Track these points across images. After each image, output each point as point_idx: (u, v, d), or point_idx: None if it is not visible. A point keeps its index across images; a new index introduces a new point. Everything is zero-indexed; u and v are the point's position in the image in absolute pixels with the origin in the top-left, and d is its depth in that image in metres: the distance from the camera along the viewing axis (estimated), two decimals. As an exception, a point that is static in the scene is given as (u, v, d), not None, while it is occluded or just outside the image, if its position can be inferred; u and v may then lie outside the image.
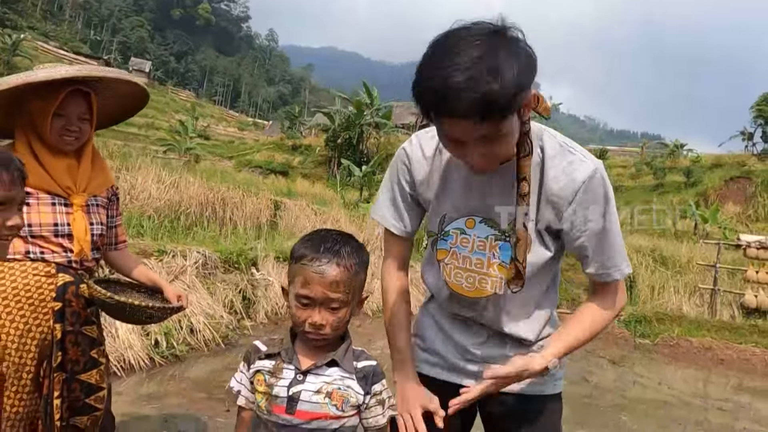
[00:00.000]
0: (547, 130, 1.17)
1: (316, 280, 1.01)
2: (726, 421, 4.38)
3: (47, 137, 1.56)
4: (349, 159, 23.55)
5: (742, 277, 9.51)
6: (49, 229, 1.57)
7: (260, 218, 9.23)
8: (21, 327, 1.51)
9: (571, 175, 1.11)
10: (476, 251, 1.20)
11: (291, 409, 1.02)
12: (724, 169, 25.75)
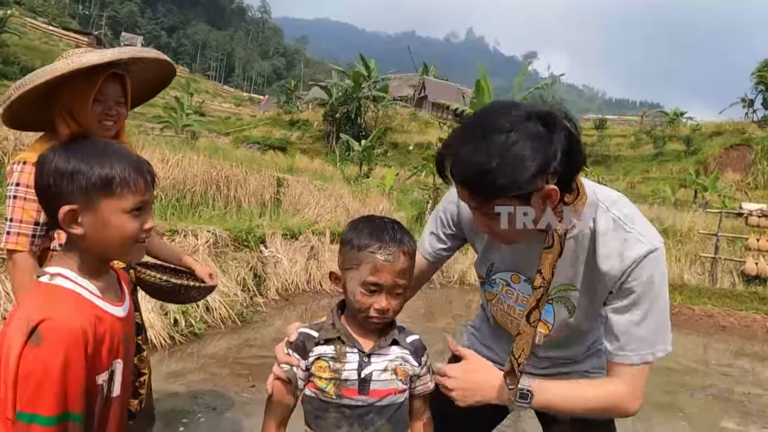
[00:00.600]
0: (604, 204, 1.12)
1: (387, 269, 1.05)
2: (730, 386, 4.51)
3: (87, 123, 1.56)
4: (347, 133, 23.38)
5: (742, 245, 9.62)
6: None
7: (264, 195, 9.22)
8: None
9: (623, 254, 1.08)
10: (520, 303, 1.26)
11: (364, 390, 1.06)
12: (724, 137, 25.66)
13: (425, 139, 28.41)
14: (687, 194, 19.13)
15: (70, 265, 0.93)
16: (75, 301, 0.90)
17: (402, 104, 32.29)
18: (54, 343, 0.83)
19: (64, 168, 0.89)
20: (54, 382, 0.82)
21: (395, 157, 26.76)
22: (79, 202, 0.89)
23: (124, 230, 0.92)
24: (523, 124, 0.97)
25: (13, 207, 1.50)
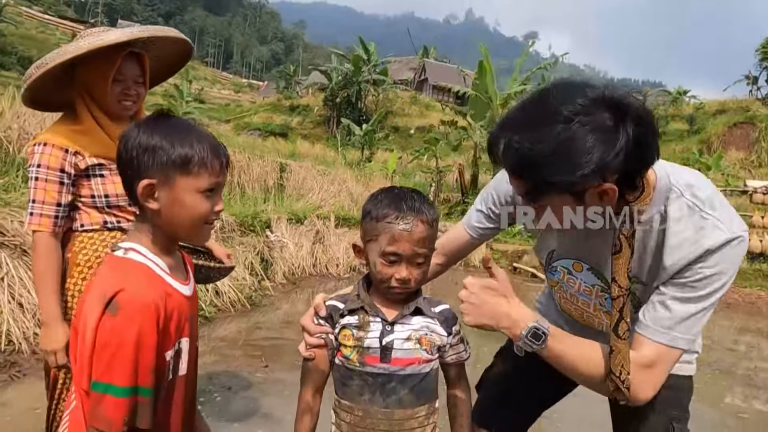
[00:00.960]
0: (678, 188, 1.02)
1: (404, 238, 1.04)
2: (735, 361, 4.56)
3: (107, 104, 1.56)
4: (348, 118, 23.26)
5: (747, 222, 9.63)
6: (124, 198, 1.58)
7: (267, 181, 9.23)
8: None
9: (698, 242, 0.99)
10: (582, 293, 1.21)
11: (386, 357, 1.08)
12: (727, 115, 25.44)
13: (426, 123, 28.23)
14: (690, 173, 19.05)
15: (142, 241, 0.95)
16: (147, 276, 0.92)
17: (402, 87, 32.03)
18: (129, 313, 0.85)
19: (147, 143, 0.91)
20: (128, 353, 0.84)
21: (396, 140, 26.64)
22: (157, 178, 0.92)
23: (196, 209, 0.95)
24: (587, 113, 0.87)
25: (35, 188, 1.51)
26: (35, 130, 5.38)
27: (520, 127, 0.92)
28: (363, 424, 1.08)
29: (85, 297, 0.91)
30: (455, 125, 13.19)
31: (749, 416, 3.31)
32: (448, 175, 13.70)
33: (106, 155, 1.58)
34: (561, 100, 0.89)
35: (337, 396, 1.14)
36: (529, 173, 0.92)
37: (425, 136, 20.46)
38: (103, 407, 0.83)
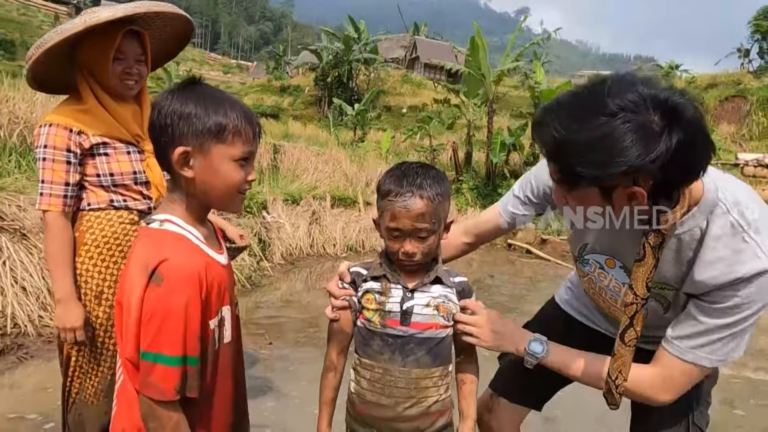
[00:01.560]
0: (725, 204, 0.97)
1: (403, 214, 1.08)
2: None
3: (109, 83, 1.55)
4: (340, 98, 23.03)
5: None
6: (130, 177, 1.59)
7: (261, 162, 9.17)
8: (114, 273, 1.58)
9: (733, 266, 0.95)
10: (612, 289, 1.21)
11: (406, 321, 1.13)
12: (719, 89, 25.46)
13: (419, 101, 28.01)
14: (682, 148, 19.15)
15: (176, 212, 0.96)
16: (186, 246, 0.93)
17: (394, 66, 31.70)
18: (174, 282, 0.86)
19: (181, 110, 0.91)
20: (176, 321, 0.86)
21: (389, 120, 26.45)
22: (192, 145, 0.91)
23: (231, 177, 0.95)
24: (635, 110, 0.84)
25: (43, 169, 1.51)
26: (25, 115, 5.30)
27: (564, 112, 0.90)
28: (382, 381, 1.14)
29: (126, 271, 0.92)
30: (448, 103, 13.10)
31: (740, 382, 3.42)
32: (442, 153, 13.67)
33: (109, 134, 1.58)
34: (613, 92, 0.86)
35: (358, 355, 1.19)
36: (560, 160, 0.92)
37: (418, 115, 20.31)
38: (154, 376, 0.85)
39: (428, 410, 1.15)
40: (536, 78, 11.68)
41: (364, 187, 8.90)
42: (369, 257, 6.08)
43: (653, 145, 0.83)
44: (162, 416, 0.86)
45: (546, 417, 2.64)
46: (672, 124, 0.84)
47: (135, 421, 0.91)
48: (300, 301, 4.71)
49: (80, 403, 1.63)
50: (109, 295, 1.58)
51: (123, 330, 0.90)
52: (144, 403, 0.87)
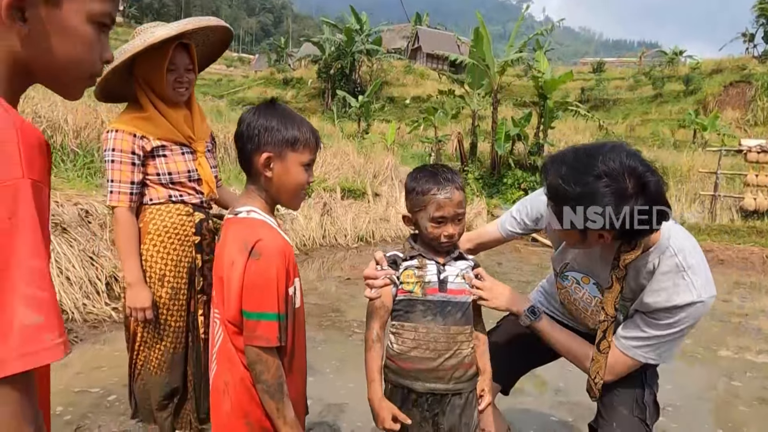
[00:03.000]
0: (673, 249, 1.29)
1: (448, 204, 1.34)
2: (729, 310, 4.86)
3: (163, 92, 1.75)
4: (343, 90, 23.11)
5: (741, 181, 9.85)
6: (185, 175, 1.80)
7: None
8: (174, 258, 1.79)
9: (670, 298, 1.28)
10: (584, 301, 1.51)
11: (443, 288, 1.37)
12: (723, 74, 25.37)
13: (422, 92, 28.05)
14: (686, 135, 19.17)
15: (256, 204, 1.17)
16: (270, 229, 1.14)
17: (396, 57, 31.69)
18: (269, 256, 1.08)
19: (267, 124, 1.13)
20: (273, 287, 1.07)
21: (392, 111, 26.53)
22: (273, 152, 1.13)
23: (299, 178, 1.17)
24: (616, 177, 1.13)
25: (112, 169, 1.72)
26: (47, 113, 5.50)
27: (566, 164, 1.19)
28: (426, 339, 1.36)
29: (223, 252, 1.12)
30: (453, 94, 13.21)
31: (738, 357, 3.62)
32: (447, 144, 13.81)
33: (167, 138, 1.78)
34: (603, 157, 1.15)
35: (400, 322, 1.40)
36: (558, 200, 1.21)
37: (421, 105, 20.37)
38: (260, 330, 1.07)
39: (463, 360, 1.37)
40: (540, 68, 11.77)
41: (372, 178, 9.06)
42: (379, 247, 6.29)
43: (622, 206, 1.12)
44: (267, 360, 1.08)
45: (558, 389, 2.85)
46: (639, 193, 1.13)
47: (235, 373, 1.12)
48: (316, 289, 4.92)
49: (145, 374, 1.85)
50: (170, 277, 1.79)
51: (225, 298, 1.10)
52: (252, 351, 1.08)
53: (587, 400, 2.78)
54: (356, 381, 2.71)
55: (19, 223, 0.62)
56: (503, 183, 11.24)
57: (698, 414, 2.72)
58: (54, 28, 0.72)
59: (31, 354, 0.60)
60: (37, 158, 0.67)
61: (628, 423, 1.44)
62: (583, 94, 27.46)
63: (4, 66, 0.72)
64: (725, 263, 7.47)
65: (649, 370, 1.51)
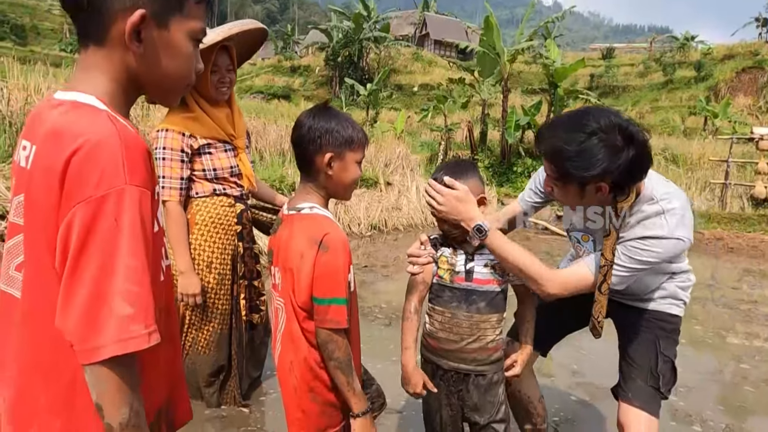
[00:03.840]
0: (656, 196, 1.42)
1: None
2: (738, 297, 4.95)
3: (207, 92, 1.87)
4: (351, 77, 23.09)
5: (753, 169, 9.84)
6: (228, 171, 1.94)
7: (283, 145, 9.44)
8: (220, 246, 1.93)
9: (644, 231, 1.41)
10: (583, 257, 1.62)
11: (469, 278, 1.48)
12: (736, 60, 25.03)
13: (430, 79, 27.97)
14: (696, 122, 19.04)
15: (315, 200, 1.28)
16: (333, 223, 1.25)
17: (404, 43, 31.49)
18: (336, 249, 1.19)
19: (327, 126, 1.23)
20: (341, 275, 1.19)
21: (400, 99, 26.50)
22: (333, 152, 1.23)
23: (354, 175, 1.28)
24: (606, 132, 1.27)
25: (163, 166, 1.85)
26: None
27: (560, 128, 1.33)
28: (451, 323, 1.48)
29: (290, 246, 1.22)
30: (463, 82, 13.22)
31: (747, 342, 3.73)
32: (457, 132, 13.85)
33: (212, 136, 1.91)
34: (593, 117, 1.29)
35: (432, 304, 1.53)
36: (557, 161, 1.33)
37: (429, 93, 20.32)
38: (331, 314, 1.18)
39: (486, 345, 1.48)
40: (550, 55, 11.74)
41: (383, 167, 9.16)
42: (391, 236, 6.38)
43: (618, 158, 1.27)
44: (338, 339, 1.20)
45: (575, 371, 2.99)
46: (629, 143, 1.27)
47: (299, 354, 1.25)
48: (334, 276, 5.06)
49: (193, 353, 2.00)
50: (217, 264, 1.93)
51: (294, 287, 1.22)
52: (323, 333, 1.20)
53: (602, 381, 2.92)
54: (382, 362, 2.86)
55: (122, 225, 0.72)
56: (513, 171, 11.30)
57: (707, 395, 2.84)
58: (163, 47, 0.83)
59: (122, 341, 0.71)
60: (140, 166, 0.77)
61: (643, 392, 1.58)
62: (593, 81, 27.23)
63: (120, 82, 0.83)
64: (735, 251, 7.53)
65: (662, 340, 1.62)
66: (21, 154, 0.81)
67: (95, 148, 0.73)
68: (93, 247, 0.71)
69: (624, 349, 1.68)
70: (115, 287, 0.71)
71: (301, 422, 1.28)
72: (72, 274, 0.71)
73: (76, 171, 0.72)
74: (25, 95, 5.39)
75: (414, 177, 9.05)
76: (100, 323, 0.70)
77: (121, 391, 0.73)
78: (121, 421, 0.73)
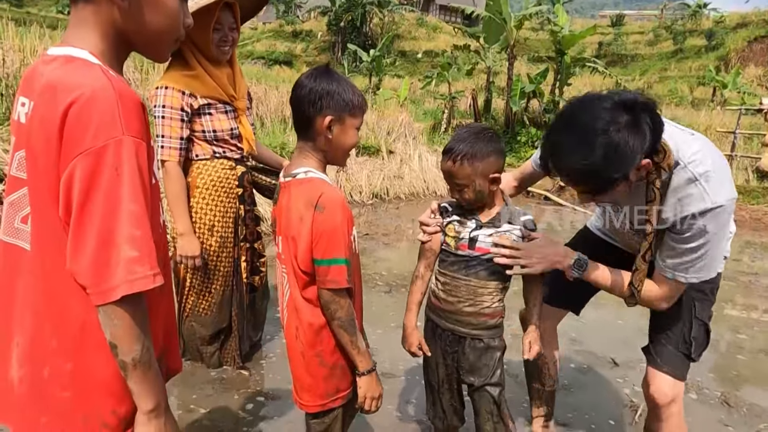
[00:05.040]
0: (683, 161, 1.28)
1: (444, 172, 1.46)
2: (738, 269, 4.96)
3: (209, 51, 1.81)
4: (354, 43, 22.63)
5: (759, 141, 9.71)
6: (228, 133, 1.89)
7: (284, 112, 9.32)
8: (222, 210, 1.91)
9: (684, 208, 1.29)
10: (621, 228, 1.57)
11: (472, 246, 1.48)
12: (748, 29, 24.40)
13: (434, 46, 27.40)
14: (705, 93, 18.71)
15: (312, 165, 1.25)
16: (329, 185, 1.23)
17: (408, 8, 30.73)
18: (332, 208, 1.17)
19: (328, 88, 1.18)
20: (339, 235, 1.17)
21: (404, 66, 26.01)
22: (333, 116, 1.19)
23: (352, 140, 1.25)
24: (615, 120, 1.14)
25: (162, 125, 1.80)
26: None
27: (566, 148, 1.19)
28: (451, 286, 1.51)
29: (290, 211, 1.20)
30: (468, 49, 12.92)
31: (746, 314, 3.75)
32: (461, 100, 13.63)
33: (212, 96, 1.86)
34: (589, 118, 1.17)
35: (439, 268, 1.56)
36: (591, 181, 1.22)
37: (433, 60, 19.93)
38: (331, 274, 1.18)
39: (481, 311, 1.49)
40: (558, 21, 11.43)
41: (385, 135, 9.06)
42: (393, 204, 6.36)
43: (642, 133, 1.16)
44: (340, 300, 1.20)
45: (573, 339, 3.02)
46: (635, 111, 1.16)
47: (303, 320, 1.25)
48: (335, 244, 5.07)
49: (194, 315, 2.01)
50: (219, 227, 1.92)
51: (296, 253, 1.20)
52: (325, 294, 1.19)
53: (601, 349, 2.94)
54: (383, 328, 2.89)
55: (122, 173, 0.76)
56: (517, 141, 11.17)
57: (703, 364, 2.85)
58: (147, 2, 0.86)
59: (129, 282, 0.76)
60: (135, 117, 0.80)
61: (673, 357, 1.56)
62: (600, 49, 26.66)
63: (109, 37, 0.86)
64: (737, 223, 7.41)
65: (698, 303, 1.56)
66: (20, 111, 0.84)
67: (90, 99, 0.75)
68: (97, 195, 0.75)
69: (657, 314, 1.63)
70: (120, 232, 0.75)
71: (312, 388, 1.29)
72: (79, 221, 0.75)
73: (73, 123, 0.75)
74: (21, 57, 5.29)
75: (416, 145, 8.95)
76: (111, 266, 0.75)
77: (133, 329, 0.78)
78: (134, 357, 0.79)
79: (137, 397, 0.82)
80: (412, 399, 2.29)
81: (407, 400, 2.27)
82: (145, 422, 0.83)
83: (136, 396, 0.82)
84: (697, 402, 2.46)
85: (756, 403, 2.47)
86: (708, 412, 2.38)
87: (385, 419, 2.10)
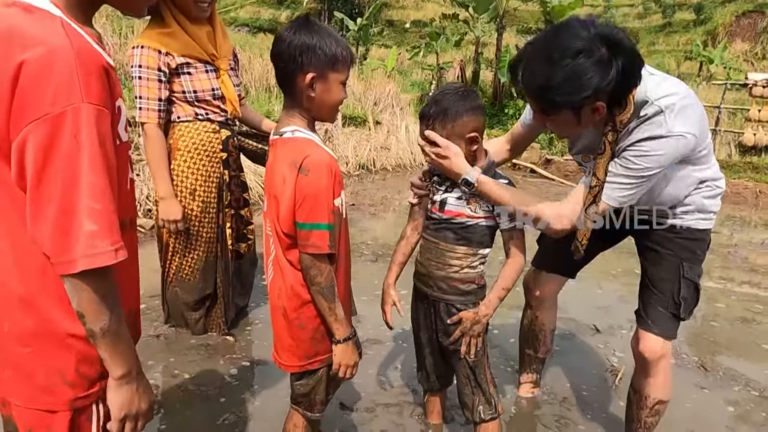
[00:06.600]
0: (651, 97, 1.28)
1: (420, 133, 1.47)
2: (721, 242, 5.06)
3: (187, 7, 1.73)
4: (341, 11, 22.07)
5: (743, 116, 9.80)
6: (209, 93, 1.82)
7: (269, 80, 9.13)
8: (204, 174, 1.86)
9: (638, 135, 1.29)
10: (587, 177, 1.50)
11: (441, 209, 1.48)
12: (736, 3, 24.31)
13: (423, 15, 26.83)
14: (692, 67, 18.71)
15: (298, 123, 1.20)
16: (316, 145, 1.18)
17: (397, -24, 29.94)
18: (316, 171, 1.13)
19: (309, 43, 1.12)
20: (323, 199, 1.14)
21: (391, 36, 25.49)
22: (316, 72, 1.13)
23: (338, 96, 1.20)
24: (590, 49, 1.13)
25: (139, 86, 1.73)
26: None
27: (538, 59, 1.19)
28: (424, 248, 1.55)
29: (274, 171, 1.17)
30: (457, 18, 12.69)
31: (722, 285, 3.84)
32: (449, 72, 13.46)
33: (190, 54, 1.79)
34: (570, 37, 1.16)
35: (422, 231, 1.58)
36: (543, 95, 1.22)
37: (422, 30, 19.58)
38: (313, 239, 1.15)
39: (449, 275, 1.48)
40: (549, -9, 11.24)
41: (372, 106, 8.94)
42: (380, 175, 6.31)
43: (607, 71, 1.15)
44: (320, 265, 1.17)
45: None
46: (616, 51, 1.15)
47: (286, 281, 1.22)
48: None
49: (177, 281, 1.98)
50: (201, 192, 1.87)
51: (279, 214, 1.17)
52: (306, 258, 1.17)
53: (582, 317, 2.99)
54: (368, 296, 2.89)
55: (81, 142, 0.72)
56: (504, 113, 11.12)
57: (681, 331, 2.91)
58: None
59: (89, 257, 0.73)
60: (96, 82, 0.75)
61: (663, 318, 1.58)
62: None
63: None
64: (718, 197, 7.63)
65: (686, 262, 1.56)
66: None
67: (48, 61, 0.71)
68: (56, 163, 0.71)
69: (646, 274, 1.64)
70: (80, 204, 0.72)
71: (292, 348, 1.28)
72: (36, 190, 0.72)
73: (28, 83, 0.71)
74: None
75: (404, 116, 8.87)
76: (71, 238, 0.73)
77: (98, 299, 0.77)
78: (102, 327, 0.78)
79: (107, 363, 0.81)
80: (397, 365, 2.31)
81: (392, 366, 2.30)
82: (116, 387, 0.83)
83: (106, 362, 0.81)
84: (675, 366, 2.53)
85: (731, 367, 2.55)
86: (686, 375, 2.45)
87: (369, 384, 2.12)
